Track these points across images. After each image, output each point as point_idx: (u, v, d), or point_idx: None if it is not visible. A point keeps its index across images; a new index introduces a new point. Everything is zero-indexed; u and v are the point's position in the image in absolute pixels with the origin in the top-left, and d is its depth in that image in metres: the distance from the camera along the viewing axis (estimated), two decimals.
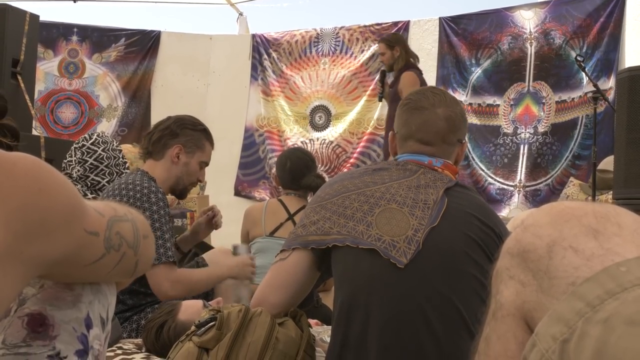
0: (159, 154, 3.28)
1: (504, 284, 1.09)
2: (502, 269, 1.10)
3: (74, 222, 0.97)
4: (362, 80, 8.46)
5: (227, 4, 9.67)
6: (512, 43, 7.48)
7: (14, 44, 6.01)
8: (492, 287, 1.13)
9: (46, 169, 0.94)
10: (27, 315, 1.06)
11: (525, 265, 1.05)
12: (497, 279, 1.12)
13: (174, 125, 3.31)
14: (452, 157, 2.29)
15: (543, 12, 7.33)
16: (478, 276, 1.98)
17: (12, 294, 0.88)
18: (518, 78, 7.43)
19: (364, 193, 2.11)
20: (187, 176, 3.32)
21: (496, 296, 1.11)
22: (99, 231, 1.03)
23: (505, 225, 2.17)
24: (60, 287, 1.10)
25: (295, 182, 4.05)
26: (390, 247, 1.97)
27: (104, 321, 1.16)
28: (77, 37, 9.48)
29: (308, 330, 2.13)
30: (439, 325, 1.93)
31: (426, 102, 2.27)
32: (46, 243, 0.91)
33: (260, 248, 3.96)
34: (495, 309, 1.11)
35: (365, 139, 8.36)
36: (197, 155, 3.32)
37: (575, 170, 6.82)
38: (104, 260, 1.06)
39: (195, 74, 9.51)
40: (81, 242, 0.99)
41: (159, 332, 2.55)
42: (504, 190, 7.33)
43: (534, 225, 1.07)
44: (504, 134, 7.45)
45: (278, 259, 2.18)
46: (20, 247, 0.86)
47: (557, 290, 0.98)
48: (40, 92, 9.06)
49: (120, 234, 1.09)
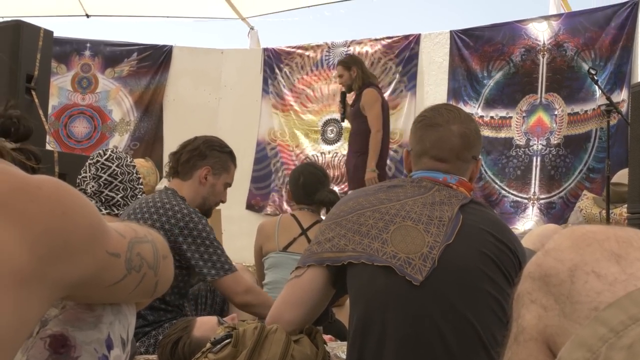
0: (187, 175, 3.33)
1: (526, 308, 1.08)
2: (523, 293, 1.10)
3: (96, 244, 0.98)
4: None
5: (238, 19, 9.70)
6: (525, 55, 7.47)
7: (28, 59, 6.05)
8: (514, 311, 1.12)
9: (69, 192, 0.95)
10: (50, 336, 1.06)
11: (547, 289, 1.04)
12: (518, 302, 1.11)
13: (203, 146, 3.37)
14: (467, 174, 2.28)
15: (556, 24, 7.32)
16: (493, 293, 1.98)
17: (37, 316, 0.89)
18: (530, 90, 7.42)
19: (378, 210, 2.11)
20: (212, 197, 3.40)
21: (517, 320, 1.11)
22: (120, 252, 1.04)
23: (520, 242, 2.17)
24: (81, 308, 1.10)
25: (308, 197, 4.05)
26: (406, 265, 1.97)
27: (124, 342, 1.17)
28: (89, 52, 9.53)
29: (323, 347, 2.13)
30: (455, 342, 1.92)
31: (440, 118, 2.27)
32: (70, 265, 0.92)
33: (273, 263, 3.96)
34: (517, 332, 1.10)
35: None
36: (223, 176, 3.41)
37: (590, 184, 6.79)
38: (125, 281, 1.07)
39: (206, 88, 9.54)
40: (103, 264, 1.00)
41: (174, 348, 2.55)
42: (518, 202, 7.31)
43: (556, 249, 1.06)
44: (516, 146, 7.43)
45: (293, 276, 2.18)
46: (44, 270, 0.87)
47: (580, 315, 0.98)
48: (54, 107, 9.11)
49: (141, 255, 1.10)
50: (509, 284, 2.02)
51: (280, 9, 9.35)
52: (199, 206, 3.33)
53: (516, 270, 2.05)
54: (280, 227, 4.02)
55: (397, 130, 8.23)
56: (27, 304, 0.85)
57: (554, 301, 1.03)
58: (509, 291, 2.01)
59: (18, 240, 0.84)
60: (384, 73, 8.42)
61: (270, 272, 3.94)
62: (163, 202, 3.14)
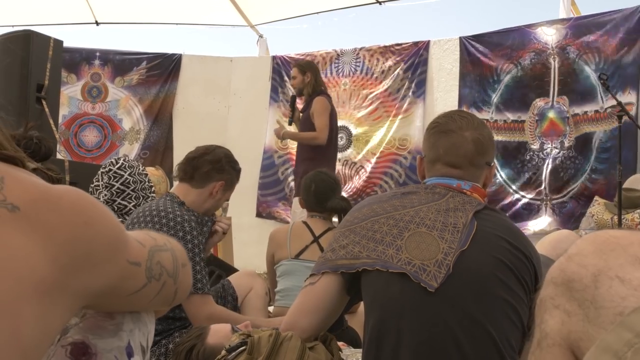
0: (200, 184, 3.33)
1: (549, 314, 1.08)
2: (546, 298, 1.10)
3: (117, 253, 0.98)
4: (383, 101, 8.44)
5: (247, 26, 9.72)
6: (535, 59, 7.45)
7: (39, 69, 6.08)
8: (536, 317, 1.12)
9: (90, 202, 0.96)
10: (70, 344, 1.07)
11: (570, 294, 1.04)
12: (541, 308, 1.11)
13: (224, 160, 3.38)
14: (481, 180, 2.28)
15: (564, 28, 7.31)
16: (508, 299, 1.98)
17: (60, 325, 0.90)
18: (541, 93, 7.39)
19: (393, 217, 2.12)
20: (213, 209, 3.44)
21: (540, 325, 1.10)
22: (140, 261, 1.05)
23: (534, 248, 2.17)
24: (101, 316, 1.11)
25: (320, 205, 4.06)
26: (421, 271, 1.97)
27: (144, 349, 1.17)
28: (99, 61, 9.55)
29: (338, 354, 2.13)
30: (470, 348, 1.92)
31: (454, 125, 2.27)
32: (91, 275, 0.93)
33: (285, 271, 3.96)
34: (540, 338, 1.10)
35: (386, 159, 8.33)
36: (227, 193, 3.47)
37: (592, 185, 6.78)
38: (146, 289, 1.07)
39: (216, 96, 9.55)
40: (124, 273, 1.01)
41: (188, 356, 2.56)
42: (530, 205, 7.29)
43: (579, 254, 1.06)
44: (530, 150, 7.41)
45: (308, 283, 2.18)
46: (67, 279, 0.87)
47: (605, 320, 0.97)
48: (65, 116, 9.14)
49: (161, 264, 1.11)
50: (524, 289, 2.02)
51: (289, 15, 9.35)
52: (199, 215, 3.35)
53: (531, 276, 2.05)
54: (292, 235, 4.02)
55: (407, 137, 8.22)
56: (50, 313, 0.85)
57: (578, 306, 1.03)
58: (524, 297, 2.02)
59: (40, 250, 0.84)
60: (393, 80, 8.42)
61: (283, 279, 3.94)
62: (159, 209, 3.15)
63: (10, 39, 6.12)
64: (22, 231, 0.84)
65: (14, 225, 0.83)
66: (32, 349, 0.82)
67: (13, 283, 0.80)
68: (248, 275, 3.81)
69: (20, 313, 0.80)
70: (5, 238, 0.82)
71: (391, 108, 8.37)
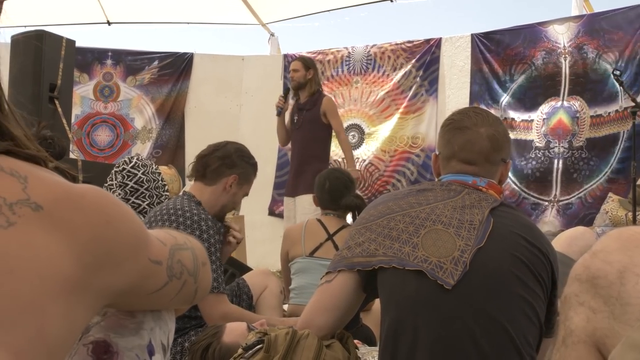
0: (213, 180, 3.33)
1: (574, 311, 1.08)
2: (571, 295, 1.09)
3: (139, 252, 0.99)
4: (395, 99, 8.43)
5: (259, 25, 9.73)
6: (547, 58, 7.43)
7: (52, 69, 6.12)
8: (561, 314, 1.12)
9: (112, 201, 0.96)
10: (92, 342, 1.07)
11: (595, 291, 1.04)
12: (565, 305, 1.10)
13: (234, 154, 3.37)
14: (496, 177, 2.27)
15: (576, 26, 7.27)
16: (526, 296, 1.97)
17: (83, 324, 0.90)
18: (553, 93, 7.37)
19: (409, 214, 2.11)
20: (231, 204, 3.40)
21: (565, 322, 1.10)
22: (162, 260, 1.05)
23: (551, 245, 2.16)
24: (122, 314, 1.11)
25: (334, 202, 4.06)
26: (437, 269, 1.96)
27: (164, 347, 1.17)
28: (111, 61, 9.58)
29: (355, 352, 2.13)
30: (488, 345, 1.92)
31: (469, 121, 2.26)
32: (114, 274, 0.93)
33: (300, 268, 3.96)
34: (565, 335, 1.10)
35: (398, 157, 8.33)
36: (244, 187, 3.43)
37: (609, 184, 6.74)
38: (167, 288, 1.08)
39: (228, 94, 9.56)
40: (146, 272, 1.01)
41: (204, 354, 2.56)
42: (538, 205, 7.27)
43: (603, 251, 1.06)
44: (535, 148, 7.38)
45: (324, 281, 2.18)
46: (90, 278, 0.88)
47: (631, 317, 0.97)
48: (77, 115, 9.17)
49: (182, 262, 1.11)
50: (540, 286, 2.01)
51: (300, 13, 9.35)
52: (216, 212, 3.34)
53: (548, 272, 2.04)
54: (306, 233, 4.02)
55: (419, 134, 8.21)
56: (75, 312, 0.86)
57: (603, 303, 1.03)
58: (541, 294, 2.01)
59: (64, 249, 0.85)
60: (404, 77, 8.40)
61: (297, 277, 3.96)
62: (176, 207, 3.15)
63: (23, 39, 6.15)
64: (46, 230, 0.84)
65: (38, 224, 0.84)
66: (58, 348, 0.83)
67: (38, 282, 0.80)
68: (263, 273, 3.82)
69: (45, 312, 0.80)
70: (29, 237, 0.82)
71: (403, 106, 8.35)
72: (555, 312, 2.13)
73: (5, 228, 0.81)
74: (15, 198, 0.84)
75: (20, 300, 0.78)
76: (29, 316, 0.78)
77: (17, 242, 0.81)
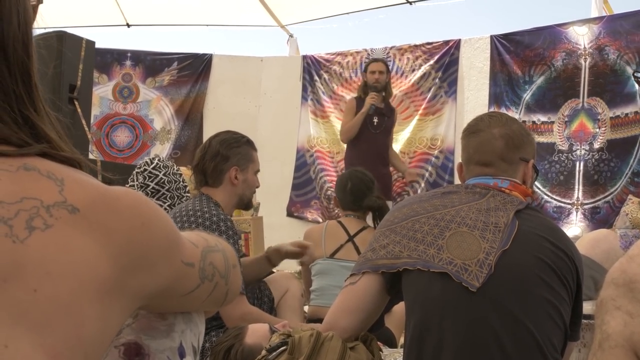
0: (217, 181, 3.31)
1: (610, 315, 1.07)
2: (607, 299, 1.09)
3: (173, 254, 0.99)
4: (414, 100, 8.41)
5: (278, 26, 9.73)
6: (566, 59, 7.39)
7: (71, 70, 6.13)
8: (597, 318, 1.11)
9: (146, 203, 0.96)
10: (124, 344, 1.08)
11: (633, 295, 1.03)
12: (601, 309, 1.10)
13: (221, 149, 3.33)
14: (518, 176, 2.26)
15: (597, 27, 7.23)
16: (551, 299, 1.97)
17: (118, 326, 0.91)
18: (572, 94, 7.33)
19: (433, 216, 2.11)
20: (248, 190, 3.40)
21: (602, 327, 1.10)
22: (194, 262, 1.05)
23: (576, 248, 2.15)
24: (153, 316, 1.12)
25: (356, 203, 4.04)
26: (462, 271, 1.96)
27: (195, 350, 1.18)
28: (130, 62, 9.62)
29: (379, 354, 2.13)
30: (513, 349, 1.91)
31: (482, 124, 2.29)
32: (149, 276, 0.93)
33: (320, 270, 3.94)
34: (602, 339, 1.09)
35: (417, 159, 8.30)
36: (250, 167, 3.39)
37: (634, 187, 6.69)
38: (199, 290, 1.08)
39: (246, 95, 9.56)
40: (179, 274, 1.01)
41: (226, 355, 2.56)
42: (561, 208, 7.22)
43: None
44: (558, 151, 7.35)
45: (348, 283, 2.18)
46: (125, 280, 0.88)
47: None
48: (96, 116, 9.20)
49: (213, 265, 1.11)
50: (566, 289, 2.01)
51: (319, 16, 9.35)
52: (238, 203, 3.35)
53: (573, 276, 2.04)
54: (326, 234, 4.01)
55: (438, 136, 8.18)
56: (110, 314, 0.86)
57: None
58: (566, 297, 2.00)
59: (100, 252, 0.85)
60: (423, 79, 8.38)
61: (318, 278, 3.94)
62: (195, 209, 3.15)
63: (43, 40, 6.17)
64: (82, 232, 0.84)
65: (75, 226, 0.84)
66: (94, 350, 0.83)
67: (76, 285, 0.81)
68: (284, 277, 3.82)
69: (83, 314, 0.81)
70: (66, 240, 0.83)
71: (422, 107, 8.33)
72: (580, 315, 2.12)
73: (42, 230, 0.81)
74: (53, 200, 0.84)
75: (58, 303, 0.79)
76: (66, 319, 0.79)
77: (54, 245, 0.81)
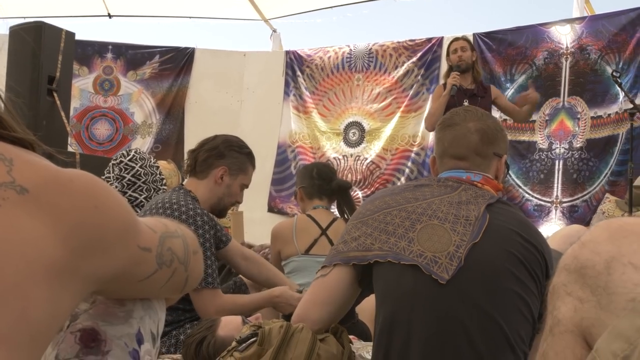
0: (203, 174, 3.29)
1: (561, 300, 1.08)
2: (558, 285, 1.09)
3: (128, 238, 0.98)
4: (396, 97, 8.43)
5: (261, 21, 9.72)
6: (548, 58, 7.43)
7: (50, 61, 6.08)
8: (549, 304, 1.12)
9: (101, 186, 0.95)
10: (80, 330, 1.06)
11: (583, 281, 1.04)
12: (553, 295, 1.11)
13: (222, 146, 3.32)
14: (491, 171, 2.27)
15: (579, 27, 7.27)
16: (520, 293, 1.97)
17: (69, 310, 0.89)
18: (553, 93, 7.38)
19: (405, 209, 2.11)
20: (228, 197, 3.34)
21: (553, 312, 1.10)
22: (151, 247, 1.04)
23: (547, 242, 2.16)
24: (111, 302, 1.11)
25: (326, 185, 3.99)
26: (432, 263, 1.96)
27: (154, 336, 1.16)
28: (111, 55, 9.58)
29: (349, 346, 2.12)
30: (481, 341, 1.91)
31: (457, 118, 2.30)
32: (102, 259, 0.92)
33: (296, 267, 3.86)
34: (553, 325, 1.10)
35: (398, 156, 8.33)
36: (239, 177, 3.35)
37: (610, 187, 6.73)
38: (156, 276, 1.07)
39: (228, 90, 9.55)
40: (135, 259, 1.00)
41: (198, 347, 2.55)
42: (541, 206, 7.27)
43: (592, 241, 1.06)
44: (539, 150, 7.38)
45: (319, 275, 2.17)
46: (77, 263, 0.87)
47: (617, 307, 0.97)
48: (76, 109, 9.16)
49: (172, 250, 1.10)
50: (535, 283, 2.01)
51: (303, 9, 9.34)
52: (213, 205, 3.31)
53: (542, 270, 2.04)
54: (297, 230, 3.91)
55: (419, 133, 8.20)
56: (60, 297, 0.85)
57: (590, 293, 1.03)
58: (535, 290, 2.01)
59: (51, 233, 0.84)
60: (406, 76, 8.40)
61: (294, 276, 3.83)
62: (172, 201, 3.12)
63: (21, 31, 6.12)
64: (31, 214, 0.83)
65: (23, 207, 0.82)
66: (41, 333, 0.82)
67: (23, 265, 0.79)
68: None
69: (29, 296, 0.79)
70: (14, 220, 0.81)
71: (404, 104, 8.35)
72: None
73: None
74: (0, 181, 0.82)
75: (3, 283, 0.77)
76: (11, 300, 0.77)
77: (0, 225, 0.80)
